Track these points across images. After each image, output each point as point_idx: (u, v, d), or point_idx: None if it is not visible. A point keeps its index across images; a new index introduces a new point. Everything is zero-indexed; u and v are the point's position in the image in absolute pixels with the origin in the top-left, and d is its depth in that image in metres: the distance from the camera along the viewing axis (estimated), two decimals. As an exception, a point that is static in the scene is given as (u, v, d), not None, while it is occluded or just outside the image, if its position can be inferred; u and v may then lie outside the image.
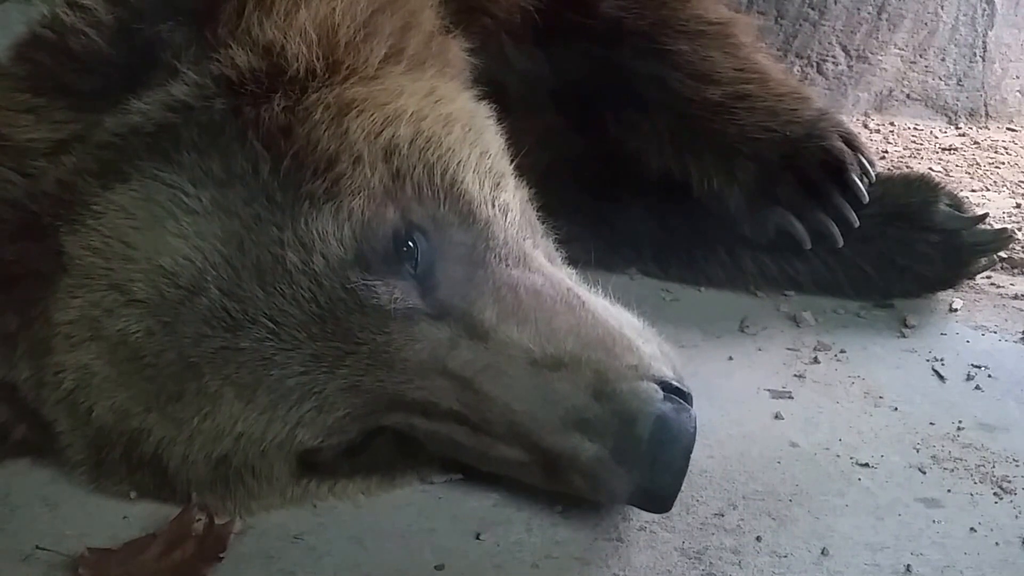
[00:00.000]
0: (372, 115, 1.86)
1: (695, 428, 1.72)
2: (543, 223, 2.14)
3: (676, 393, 1.74)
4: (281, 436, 1.75)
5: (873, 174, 2.56)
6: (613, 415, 1.69)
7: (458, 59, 2.22)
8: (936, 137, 4.03)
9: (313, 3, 1.89)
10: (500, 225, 1.90)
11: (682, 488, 1.71)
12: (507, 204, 1.95)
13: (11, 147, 1.86)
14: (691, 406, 1.76)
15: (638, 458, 1.67)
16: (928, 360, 2.40)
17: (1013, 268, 2.85)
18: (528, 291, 1.83)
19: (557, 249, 2.13)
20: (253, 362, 1.72)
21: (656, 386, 1.72)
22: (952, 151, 3.85)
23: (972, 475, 1.99)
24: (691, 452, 1.71)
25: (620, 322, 1.87)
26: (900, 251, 2.56)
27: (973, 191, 3.41)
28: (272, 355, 1.71)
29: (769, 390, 2.28)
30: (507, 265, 1.86)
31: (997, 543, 1.81)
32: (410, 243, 1.78)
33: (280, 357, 1.71)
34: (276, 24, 1.85)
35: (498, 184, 1.96)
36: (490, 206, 1.91)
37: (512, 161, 2.07)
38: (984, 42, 4.21)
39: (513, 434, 1.74)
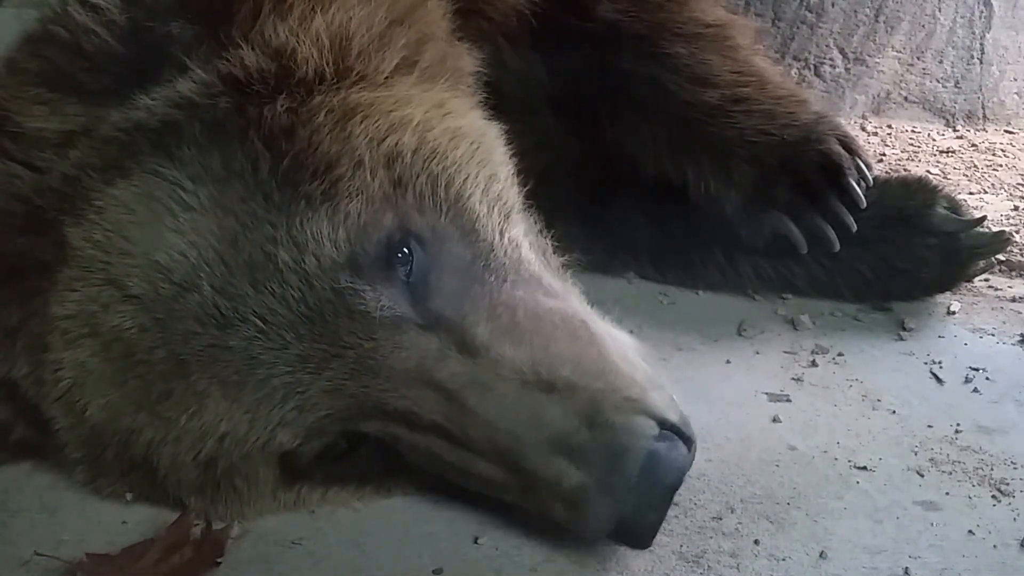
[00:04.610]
0: (376, 121, 1.86)
1: (686, 468, 1.70)
2: (558, 256, 2.12)
3: (677, 435, 1.70)
4: (264, 437, 1.75)
5: (871, 178, 2.55)
6: (603, 445, 1.65)
7: (469, 72, 2.21)
8: (934, 140, 4.03)
9: (331, 10, 1.90)
10: (506, 252, 1.89)
11: (680, 492, 1.71)
12: (517, 238, 1.94)
13: (23, 136, 1.88)
14: (690, 448, 1.72)
15: (622, 493, 1.64)
16: (926, 363, 2.40)
17: (1011, 271, 2.85)
18: (528, 314, 1.81)
19: (571, 280, 2.09)
20: (240, 361, 1.72)
21: (652, 422, 1.69)
22: (950, 154, 3.85)
23: (970, 478, 1.99)
24: (677, 490, 1.69)
25: (632, 364, 1.82)
26: (898, 254, 2.56)
27: (971, 194, 3.40)
28: (259, 354, 1.71)
29: (767, 393, 2.27)
30: (509, 285, 1.85)
31: (995, 546, 1.81)
32: (405, 250, 1.78)
33: (267, 356, 1.71)
34: (290, 28, 1.86)
35: (508, 216, 1.95)
36: (497, 233, 1.90)
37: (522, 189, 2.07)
38: (982, 44, 4.21)
39: (495, 452, 1.72)
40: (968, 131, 4.15)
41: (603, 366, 1.77)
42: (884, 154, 3.82)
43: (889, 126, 4.14)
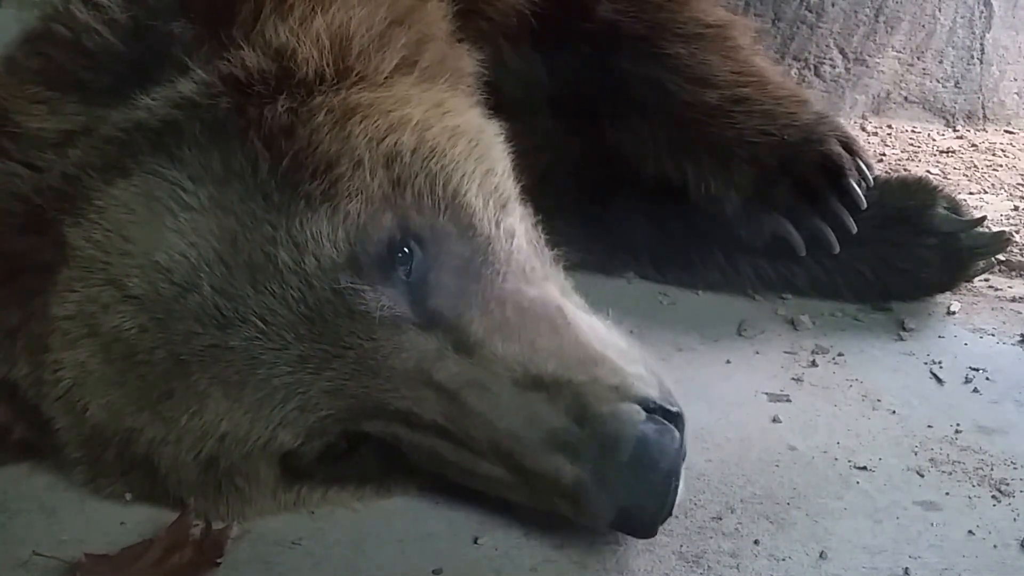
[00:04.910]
0: (376, 121, 1.86)
1: (680, 449, 1.69)
2: (551, 249, 2.12)
3: (663, 414, 1.71)
4: (264, 437, 1.75)
5: (871, 178, 2.55)
6: (593, 438, 1.66)
7: (469, 72, 2.21)
8: (934, 140, 4.03)
9: (331, 10, 1.90)
10: (502, 244, 1.89)
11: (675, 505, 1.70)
12: (512, 228, 1.94)
13: (21, 136, 1.87)
14: (680, 427, 1.72)
15: (619, 481, 1.64)
16: (926, 363, 2.40)
17: (1011, 271, 2.85)
18: (515, 308, 1.81)
19: (565, 274, 2.10)
20: (241, 361, 1.72)
21: (638, 407, 1.69)
22: (950, 154, 3.85)
23: (970, 478, 1.99)
24: (675, 475, 1.68)
25: (605, 343, 1.84)
26: (898, 254, 2.56)
27: (971, 194, 3.40)
28: (260, 354, 1.71)
29: (767, 393, 2.27)
30: (503, 280, 1.85)
31: (995, 546, 1.81)
32: (405, 250, 1.78)
33: (268, 357, 1.71)
34: (291, 28, 1.86)
35: (504, 206, 1.95)
36: (494, 226, 1.90)
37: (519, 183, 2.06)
38: (982, 44, 4.21)
39: (495, 452, 1.73)
40: (968, 131, 4.15)
41: (582, 354, 1.78)
42: (884, 154, 3.82)
43: (889, 126, 4.14)
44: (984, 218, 2.58)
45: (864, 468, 2.02)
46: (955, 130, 4.17)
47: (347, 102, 1.86)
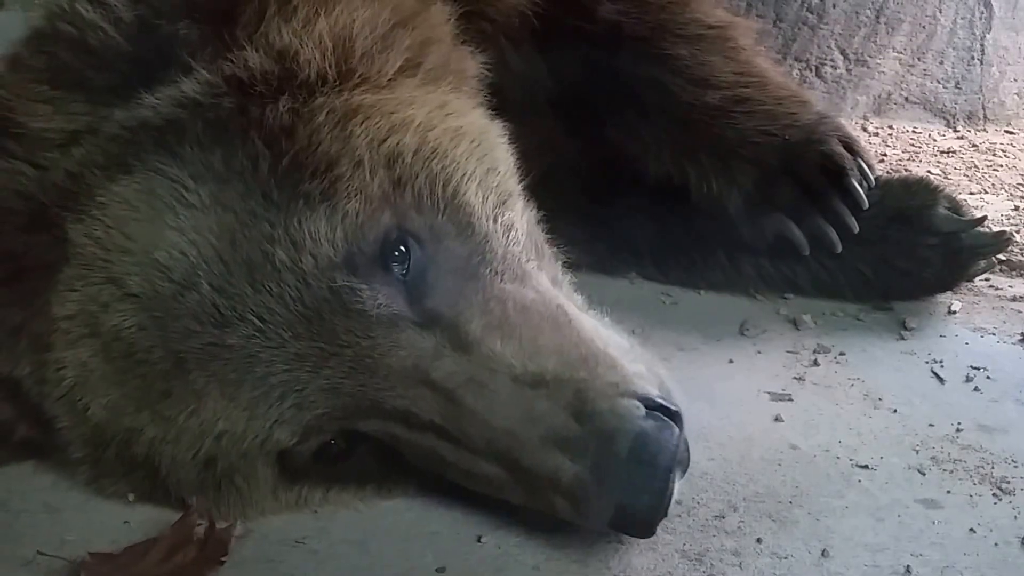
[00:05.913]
0: (378, 122, 1.86)
1: (678, 446, 1.67)
2: (552, 248, 2.12)
3: (662, 411, 1.70)
4: (261, 435, 1.75)
5: (873, 178, 2.56)
6: (592, 434, 1.65)
7: (473, 74, 2.21)
8: (934, 140, 4.04)
9: (334, 12, 1.90)
10: (499, 241, 1.89)
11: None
12: (511, 223, 1.94)
13: (26, 136, 1.88)
14: (679, 424, 1.71)
15: (617, 477, 1.63)
16: (927, 362, 2.40)
17: (1011, 270, 2.86)
18: (516, 306, 1.81)
19: (565, 273, 2.10)
20: (239, 359, 1.72)
21: (637, 403, 1.68)
22: (950, 154, 3.86)
23: (971, 476, 2.00)
24: (672, 471, 1.65)
25: (606, 341, 1.84)
26: (899, 254, 2.57)
27: (971, 194, 3.42)
28: (257, 352, 1.71)
29: (769, 392, 2.28)
30: (501, 280, 1.85)
31: (996, 544, 1.82)
32: (402, 248, 1.78)
33: (265, 355, 1.71)
34: (294, 30, 1.86)
35: (504, 203, 1.95)
36: (492, 222, 1.90)
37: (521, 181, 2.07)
38: (982, 45, 4.22)
39: (493, 451, 1.72)
40: (968, 131, 4.17)
41: (583, 351, 1.77)
42: (885, 154, 3.83)
43: (890, 127, 4.16)
44: (985, 218, 2.59)
45: (866, 467, 2.02)
46: (955, 130, 4.19)
47: (349, 103, 1.87)
